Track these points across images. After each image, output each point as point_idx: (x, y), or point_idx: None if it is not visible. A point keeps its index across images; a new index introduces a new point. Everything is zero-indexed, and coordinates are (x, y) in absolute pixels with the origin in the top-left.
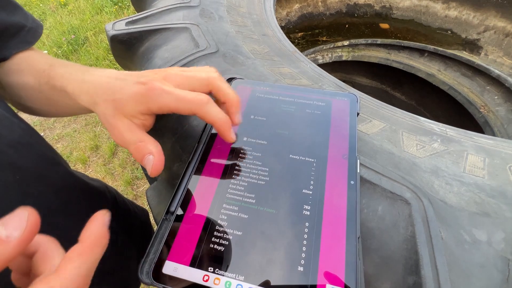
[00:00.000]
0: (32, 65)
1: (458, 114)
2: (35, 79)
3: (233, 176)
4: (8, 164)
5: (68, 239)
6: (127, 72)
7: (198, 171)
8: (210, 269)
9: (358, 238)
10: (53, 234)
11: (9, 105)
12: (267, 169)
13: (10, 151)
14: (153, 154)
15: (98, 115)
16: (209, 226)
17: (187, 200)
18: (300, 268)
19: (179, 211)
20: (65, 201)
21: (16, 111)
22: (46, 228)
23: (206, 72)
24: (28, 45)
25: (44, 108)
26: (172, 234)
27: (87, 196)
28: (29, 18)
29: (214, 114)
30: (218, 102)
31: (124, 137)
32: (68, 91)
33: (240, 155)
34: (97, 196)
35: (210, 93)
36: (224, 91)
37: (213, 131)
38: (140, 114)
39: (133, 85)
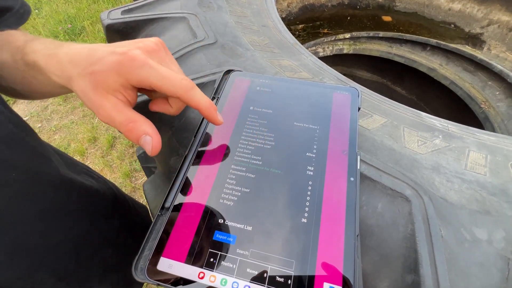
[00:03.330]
0: (9, 42)
1: (459, 109)
2: (12, 56)
3: (225, 178)
4: (1, 162)
5: (69, 237)
6: (103, 43)
7: (194, 166)
8: (206, 266)
9: (357, 236)
10: (53, 233)
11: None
12: (270, 165)
13: (2, 147)
14: (149, 134)
15: (76, 92)
16: (205, 221)
17: (182, 196)
18: (304, 220)
19: (175, 207)
20: (63, 199)
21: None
22: (46, 227)
23: (180, 80)
24: (8, 29)
25: (20, 87)
26: (167, 230)
27: (86, 192)
28: (18, 2)
29: (197, 99)
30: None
31: (111, 117)
32: (41, 66)
33: (238, 153)
34: (96, 193)
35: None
36: (196, 101)
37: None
38: (122, 87)
39: (111, 54)
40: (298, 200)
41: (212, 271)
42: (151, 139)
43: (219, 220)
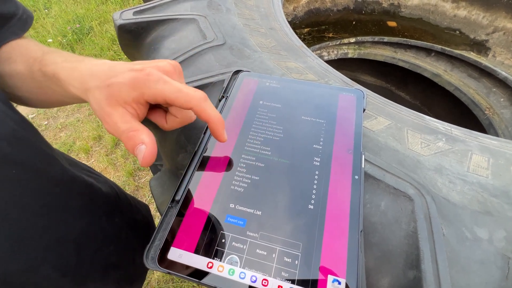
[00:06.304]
0: (24, 54)
1: (463, 115)
2: (27, 66)
3: (233, 173)
4: (2, 158)
5: (70, 233)
6: (121, 62)
7: (204, 160)
8: (215, 256)
9: (361, 231)
10: (54, 228)
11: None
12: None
13: (3, 144)
14: (145, 144)
15: (90, 102)
16: (214, 214)
17: (192, 189)
18: (311, 206)
19: (185, 199)
20: (64, 197)
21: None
22: (46, 223)
23: (194, 93)
24: (15, 36)
25: (34, 97)
26: (178, 221)
27: (87, 189)
28: (20, 8)
29: (209, 111)
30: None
31: (117, 126)
32: (60, 78)
33: (242, 161)
34: (97, 191)
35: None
36: (208, 113)
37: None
38: (133, 101)
39: (129, 71)
40: (305, 187)
41: (221, 261)
42: (145, 148)
43: (230, 205)
